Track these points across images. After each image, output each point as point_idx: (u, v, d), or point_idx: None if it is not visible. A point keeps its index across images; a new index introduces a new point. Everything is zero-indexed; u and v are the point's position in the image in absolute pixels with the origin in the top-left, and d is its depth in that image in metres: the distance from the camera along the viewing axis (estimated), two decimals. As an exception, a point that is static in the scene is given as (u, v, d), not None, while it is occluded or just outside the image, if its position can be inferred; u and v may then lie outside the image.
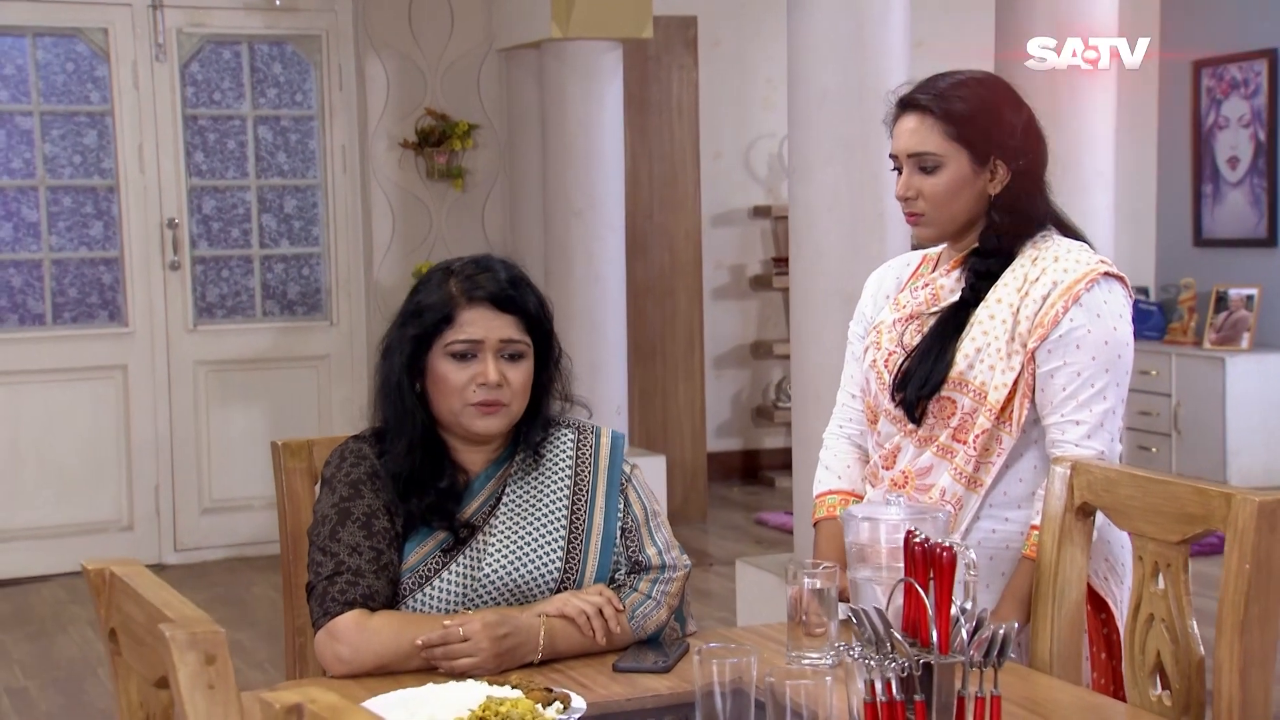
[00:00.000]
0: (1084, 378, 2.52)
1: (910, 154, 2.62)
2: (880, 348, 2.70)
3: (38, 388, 6.86)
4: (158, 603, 1.64)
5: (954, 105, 2.59)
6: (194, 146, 7.08)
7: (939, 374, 2.58)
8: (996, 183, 2.62)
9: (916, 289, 2.72)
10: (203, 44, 7.08)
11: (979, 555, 2.59)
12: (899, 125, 2.65)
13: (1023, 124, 2.62)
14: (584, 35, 6.68)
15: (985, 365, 2.57)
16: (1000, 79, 2.69)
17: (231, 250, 7.17)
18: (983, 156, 2.60)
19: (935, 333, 2.63)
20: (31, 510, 6.85)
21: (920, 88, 2.65)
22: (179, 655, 1.52)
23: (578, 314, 6.81)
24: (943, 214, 2.62)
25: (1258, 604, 2.16)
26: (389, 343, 2.58)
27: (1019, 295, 2.57)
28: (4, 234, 6.85)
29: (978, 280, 2.62)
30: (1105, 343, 2.53)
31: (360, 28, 7.16)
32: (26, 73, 6.86)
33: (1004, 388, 2.55)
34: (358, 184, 7.27)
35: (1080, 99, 4.94)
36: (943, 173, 2.60)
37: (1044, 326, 2.53)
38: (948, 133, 2.59)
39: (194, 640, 1.53)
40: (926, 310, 2.67)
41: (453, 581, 2.50)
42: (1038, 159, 2.65)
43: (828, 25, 4.66)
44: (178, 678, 1.52)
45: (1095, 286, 2.54)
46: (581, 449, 2.64)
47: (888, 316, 2.73)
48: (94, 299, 6.99)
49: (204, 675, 1.53)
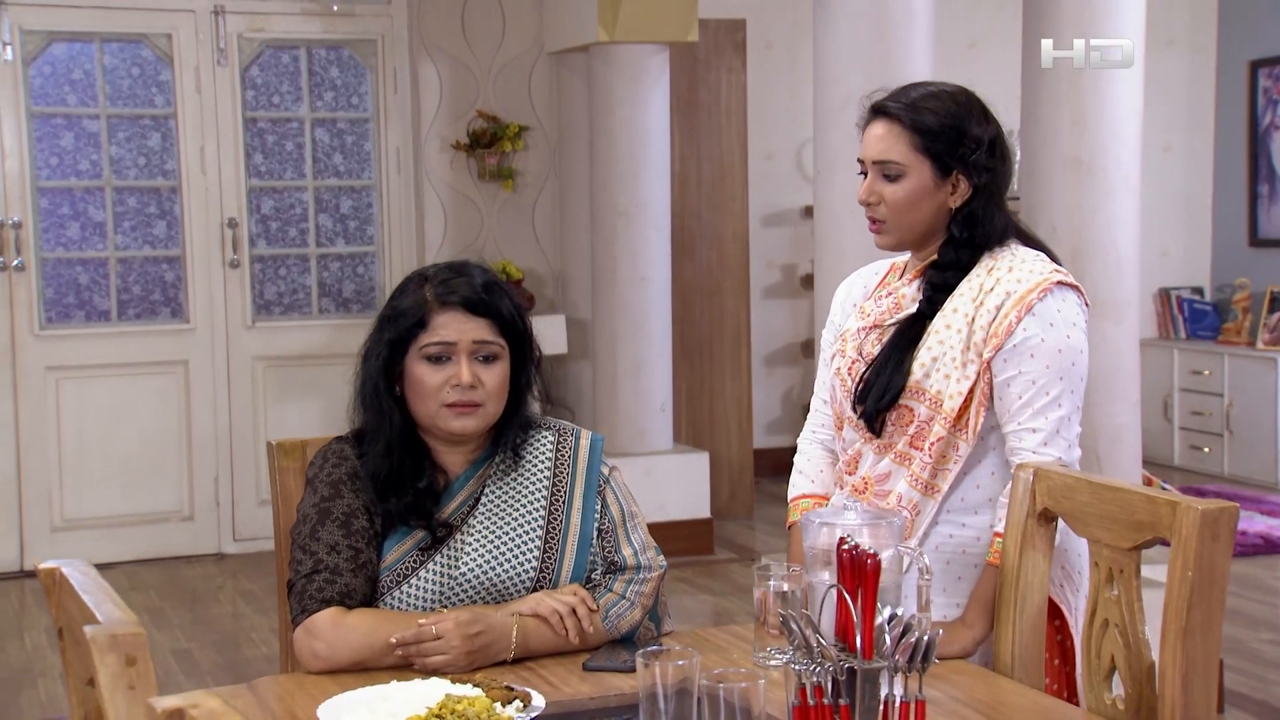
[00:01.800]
0: (1039, 386, 2.53)
1: (875, 160, 2.64)
2: (844, 355, 2.72)
3: (103, 382, 7.00)
4: (91, 604, 1.69)
5: (923, 117, 2.60)
6: (253, 148, 7.19)
7: (896, 385, 2.60)
8: (958, 196, 2.63)
9: (880, 298, 2.74)
10: (262, 49, 7.18)
11: (936, 559, 2.61)
12: (868, 131, 2.66)
13: (989, 140, 2.62)
14: (629, 39, 6.71)
15: (941, 374, 2.58)
16: (973, 94, 2.68)
17: (289, 249, 7.28)
18: (945, 169, 2.61)
19: (892, 344, 2.64)
20: (97, 500, 7.00)
21: (893, 96, 2.66)
22: (99, 657, 1.57)
23: (623, 313, 6.85)
24: (902, 222, 2.64)
25: (1200, 610, 2.16)
26: (367, 347, 2.62)
27: (974, 305, 2.58)
28: (72, 233, 6.99)
29: (934, 292, 2.64)
30: (1059, 351, 2.53)
31: (415, 32, 7.24)
32: (94, 77, 7.00)
33: (959, 396, 2.56)
34: (411, 185, 7.35)
35: (1104, 100, 4.89)
36: (905, 182, 2.62)
37: (998, 336, 2.54)
38: (913, 143, 2.60)
39: (115, 642, 1.57)
40: (888, 319, 2.69)
41: (430, 580, 2.54)
42: (1000, 176, 2.66)
43: (851, 28, 4.67)
44: (99, 679, 1.57)
45: (1049, 296, 2.55)
46: (561, 451, 2.67)
47: (853, 324, 2.75)
48: (157, 296, 7.12)
49: (124, 676, 1.57)
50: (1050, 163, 4.97)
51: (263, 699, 2.35)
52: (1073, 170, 4.93)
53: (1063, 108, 4.93)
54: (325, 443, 2.66)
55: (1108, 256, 4.94)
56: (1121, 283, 4.95)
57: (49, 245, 6.94)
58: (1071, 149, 4.93)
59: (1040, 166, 5.00)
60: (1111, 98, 4.93)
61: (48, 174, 6.93)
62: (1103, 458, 4.90)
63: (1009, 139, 2.70)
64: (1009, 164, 2.67)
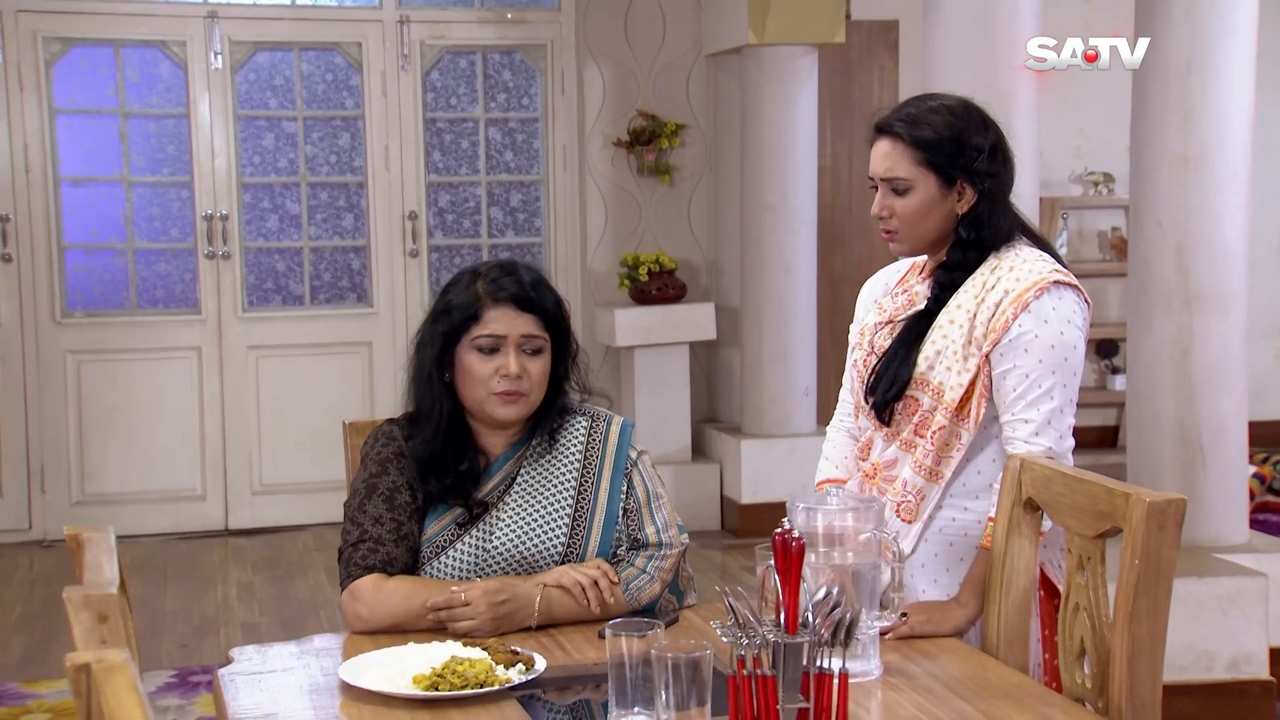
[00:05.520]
0: (1031, 379, 2.54)
1: (883, 177, 2.67)
2: (861, 348, 2.77)
3: (297, 360, 7.34)
4: (88, 566, 1.84)
5: (923, 132, 2.63)
6: (432, 146, 7.43)
7: (903, 378, 2.64)
8: (964, 202, 2.66)
9: (897, 294, 2.78)
10: (442, 54, 7.41)
11: (940, 541, 2.65)
12: (875, 149, 2.70)
13: (989, 147, 2.64)
14: (778, 41, 6.75)
15: (943, 367, 2.61)
16: (972, 105, 2.69)
17: (463, 240, 7.51)
18: (949, 179, 2.64)
19: (900, 338, 2.69)
20: (291, 467, 7.33)
21: (894, 112, 2.69)
22: (74, 614, 1.72)
23: (770, 302, 6.91)
24: (914, 231, 2.67)
25: (1146, 596, 2.17)
26: (421, 337, 2.75)
27: (976, 302, 2.61)
28: (271, 225, 7.33)
29: (941, 290, 2.66)
30: (1052, 346, 2.55)
31: (581, 37, 7.39)
32: (292, 83, 7.31)
33: (960, 387, 2.59)
34: (575, 180, 7.51)
35: (1213, 98, 4.77)
36: (913, 195, 2.65)
37: (996, 332, 2.57)
38: (916, 158, 2.63)
39: (87, 601, 1.72)
40: (901, 315, 2.72)
41: (466, 552, 2.66)
42: (1003, 179, 2.67)
43: (958, 26, 4.65)
44: (74, 634, 1.72)
45: (1045, 294, 2.56)
46: (593, 435, 2.76)
47: (870, 320, 2.79)
48: (344, 283, 7.43)
49: (97, 632, 1.72)
50: (1157, 159, 4.87)
51: (303, 652, 2.51)
52: (1180, 167, 4.82)
53: (1170, 105, 4.83)
54: (377, 424, 2.80)
55: (1214, 251, 4.82)
56: (1228, 277, 4.83)
57: (251, 236, 7.29)
58: (1179, 145, 4.82)
59: (1147, 162, 4.91)
60: (1220, 95, 4.80)
61: (251, 171, 7.28)
62: (1206, 450, 4.80)
63: (1008, 143, 2.70)
64: (1011, 167, 2.69)
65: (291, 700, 2.28)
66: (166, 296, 7.26)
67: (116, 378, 7.17)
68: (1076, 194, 8.14)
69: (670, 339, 7.10)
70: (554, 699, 2.34)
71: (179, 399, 7.23)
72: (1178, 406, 4.83)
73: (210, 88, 7.16)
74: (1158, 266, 4.87)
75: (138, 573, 6.54)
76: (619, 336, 7.01)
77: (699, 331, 7.14)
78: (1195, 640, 4.56)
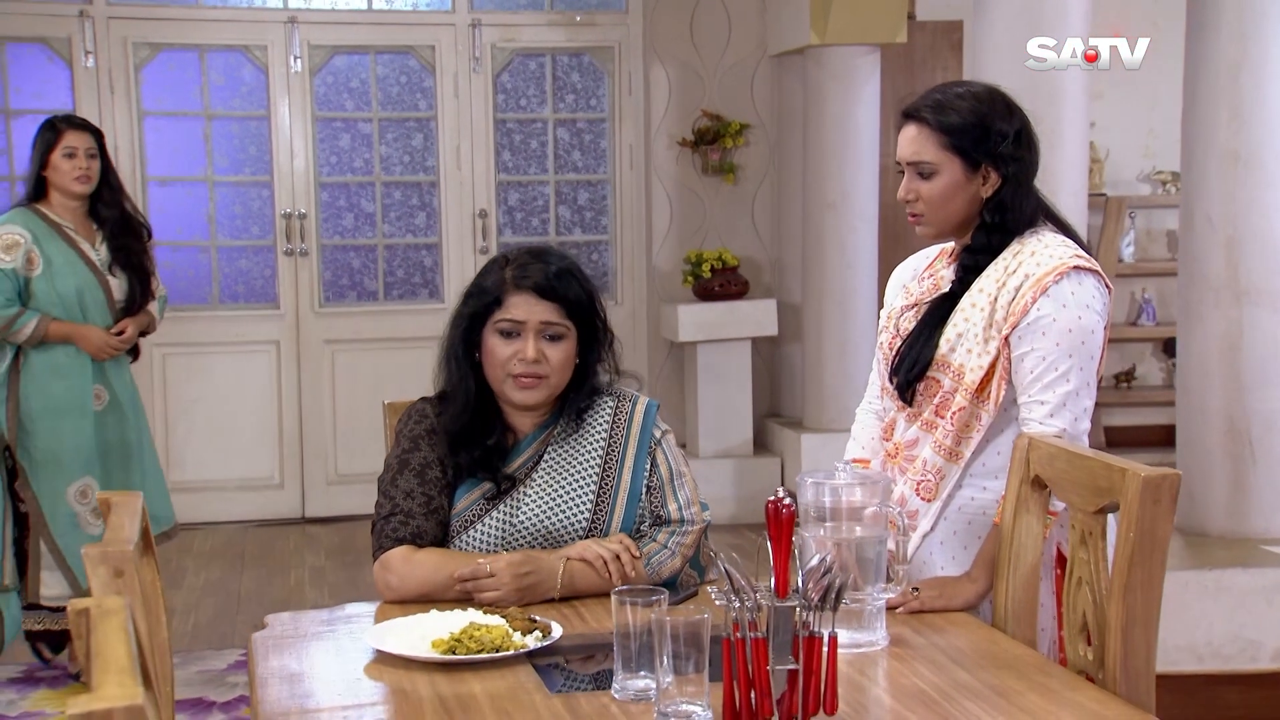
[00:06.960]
0: (1048, 362, 2.56)
1: (909, 161, 2.70)
2: (888, 331, 2.80)
3: (371, 354, 7.46)
4: (111, 525, 1.92)
5: (948, 117, 2.65)
6: (502, 146, 7.52)
7: (925, 359, 2.66)
8: (989, 186, 2.67)
9: (924, 279, 2.80)
10: (512, 57, 7.50)
11: (959, 519, 2.67)
12: (901, 134, 2.72)
13: (1014, 133, 2.65)
14: (840, 41, 6.76)
15: (964, 349, 2.63)
16: (998, 91, 2.71)
17: (532, 237, 7.59)
18: (974, 163, 2.65)
19: (924, 321, 2.71)
20: (365, 458, 7.42)
21: (922, 98, 2.72)
22: (92, 569, 1.79)
23: (830, 298, 6.92)
24: (939, 215, 2.69)
25: (1141, 569, 2.18)
26: (452, 317, 2.81)
27: (997, 286, 2.62)
28: (347, 223, 7.46)
29: (965, 274, 2.68)
30: (1069, 330, 2.56)
31: (648, 39, 7.45)
32: (368, 85, 7.44)
33: (980, 369, 2.61)
34: (641, 179, 7.56)
35: (1263, 94, 4.74)
36: (938, 179, 2.67)
37: (1015, 315, 2.58)
38: (942, 143, 2.66)
39: (105, 556, 1.80)
40: (927, 299, 2.75)
41: (493, 526, 2.72)
42: (1028, 164, 2.68)
43: (1006, 23, 4.65)
44: (91, 587, 1.79)
45: (1064, 279, 2.57)
46: (618, 414, 2.81)
47: (898, 303, 2.82)
48: (417, 279, 7.54)
49: (112, 585, 1.79)
50: (1207, 155, 4.84)
51: (334, 619, 2.59)
52: (1230, 163, 4.80)
53: (1220, 101, 4.80)
54: (412, 402, 2.87)
55: (1265, 246, 4.79)
56: (1277, 272, 4.79)
57: (328, 233, 7.42)
58: (1229, 142, 4.79)
59: (1197, 158, 4.88)
60: (1270, 92, 4.77)
61: (328, 171, 7.41)
62: (1255, 443, 4.76)
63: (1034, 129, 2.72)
64: (1035, 152, 2.70)
65: (317, 661, 2.36)
66: (247, 292, 7.41)
67: (199, 370, 7.32)
68: (1145, 193, 8.07)
69: (733, 334, 7.13)
70: (576, 668, 2.39)
71: (258, 391, 7.38)
72: (1227, 400, 4.79)
73: (290, 90, 7.30)
74: (1207, 262, 4.84)
75: (216, 557, 6.68)
76: (682, 332, 7.06)
77: (761, 327, 7.17)
78: (1241, 630, 4.52)
